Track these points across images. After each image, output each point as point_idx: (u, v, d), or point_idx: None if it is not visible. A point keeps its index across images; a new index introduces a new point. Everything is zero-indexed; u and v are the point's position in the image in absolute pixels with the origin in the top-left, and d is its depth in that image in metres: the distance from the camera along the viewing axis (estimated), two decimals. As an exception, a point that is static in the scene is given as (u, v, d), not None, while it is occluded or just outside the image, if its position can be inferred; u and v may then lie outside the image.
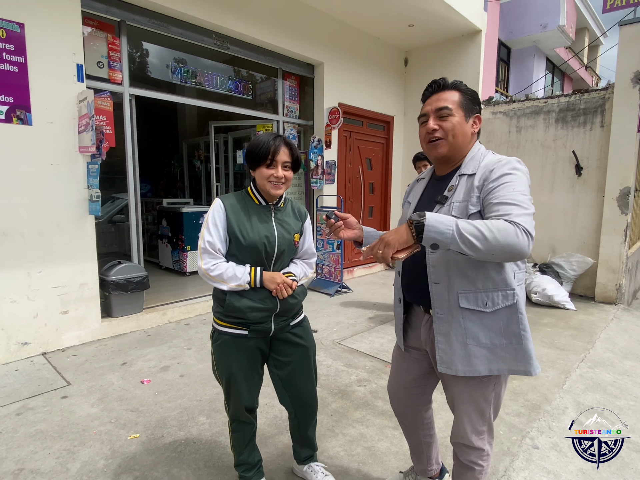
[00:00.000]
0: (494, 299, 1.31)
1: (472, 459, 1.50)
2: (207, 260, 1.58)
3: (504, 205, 1.17)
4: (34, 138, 3.25)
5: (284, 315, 1.71)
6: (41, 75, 3.25)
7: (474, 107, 1.40)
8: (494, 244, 1.09)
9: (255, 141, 1.61)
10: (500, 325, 1.32)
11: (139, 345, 3.59)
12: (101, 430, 2.35)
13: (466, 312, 1.33)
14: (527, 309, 1.42)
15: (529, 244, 1.12)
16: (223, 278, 1.57)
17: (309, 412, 1.87)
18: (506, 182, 1.22)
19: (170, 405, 2.62)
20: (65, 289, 3.50)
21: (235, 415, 1.76)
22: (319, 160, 5.64)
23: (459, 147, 1.39)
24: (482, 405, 1.43)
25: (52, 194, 3.37)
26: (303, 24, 5.27)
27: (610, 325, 4.26)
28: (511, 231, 1.10)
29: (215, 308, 1.69)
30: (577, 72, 13.03)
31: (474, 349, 1.34)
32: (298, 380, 1.78)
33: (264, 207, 1.69)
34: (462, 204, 1.30)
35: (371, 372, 3.12)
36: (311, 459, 1.96)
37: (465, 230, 1.10)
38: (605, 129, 5.12)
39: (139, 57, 4.73)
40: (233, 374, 1.66)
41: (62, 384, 2.91)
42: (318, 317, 4.40)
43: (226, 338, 1.65)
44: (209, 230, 1.59)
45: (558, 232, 5.59)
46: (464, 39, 6.37)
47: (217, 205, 1.62)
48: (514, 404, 2.68)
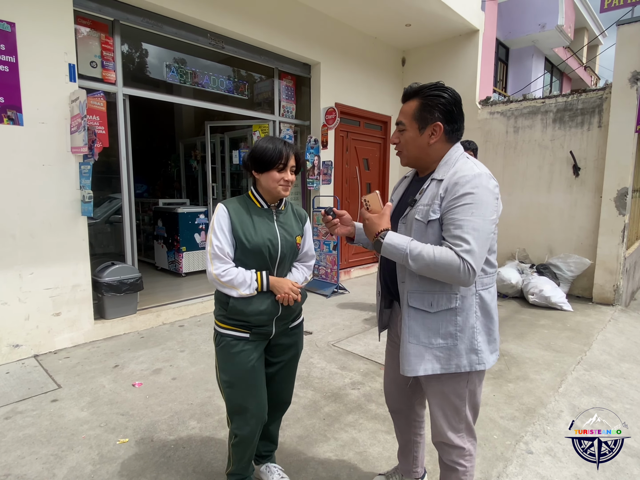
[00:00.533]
0: (438, 301, 1.37)
1: (454, 458, 1.51)
2: (217, 266, 1.57)
3: (458, 232, 1.24)
4: (25, 138, 3.21)
5: (285, 318, 1.73)
6: (32, 75, 3.22)
7: (429, 116, 1.36)
8: (436, 274, 1.26)
9: (264, 146, 1.60)
10: (439, 326, 1.38)
11: (131, 348, 3.56)
12: (90, 435, 2.32)
13: (412, 310, 1.40)
14: (524, 310, 1.43)
15: (470, 279, 1.23)
16: (233, 284, 1.57)
17: (281, 409, 1.91)
18: (466, 204, 1.25)
19: (160, 409, 2.59)
20: (57, 291, 3.47)
21: (238, 428, 1.66)
22: (316, 161, 5.61)
23: (418, 158, 1.44)
24: (456, 402, 1.45)
25: (43, 195, 3.33)
26: (299, 23, 5.24)
27: (607, 327, 4.24)
28: (455, 266, 1.21)
29: (218, 311, 1.68)
30: (576, 72, 13.02)
31: (413, 348, 1.40)
32: (282, 379, 1.82)
33: (266, 210, 1.69)
34: (426, 208, 1.35)
35: (365, 374, 3.09)
36: (269, 458, 1.96)
37: (413, 259, 1.26)
38: (603, 129, 5.09)
39: (133, 57, 4.69)
40: (237, 377, 1.64)
41: (53, 387, 2.88)
42: (314, 319, 4.37)
43: (228, 340, 1.64)
44: (217, 235, 1.58)
45: (555, 233, 5.57)
46: (462, 38, 6.35)
47: (220, 210, 1.61)
48: (508, 407, 2.65)
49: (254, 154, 1.62)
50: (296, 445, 2.25)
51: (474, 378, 1.44)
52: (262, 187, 1.66)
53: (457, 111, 1.38)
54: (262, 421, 1.71)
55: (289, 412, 2.53)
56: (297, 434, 2.34)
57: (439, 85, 1.38)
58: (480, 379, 1.48)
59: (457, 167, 1.34)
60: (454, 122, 1.38)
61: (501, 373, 3.15)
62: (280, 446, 2.22)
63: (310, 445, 2.24)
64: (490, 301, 1.42)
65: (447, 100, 1.35)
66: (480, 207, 1.25)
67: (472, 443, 1.52)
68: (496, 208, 1.32)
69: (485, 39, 6.55)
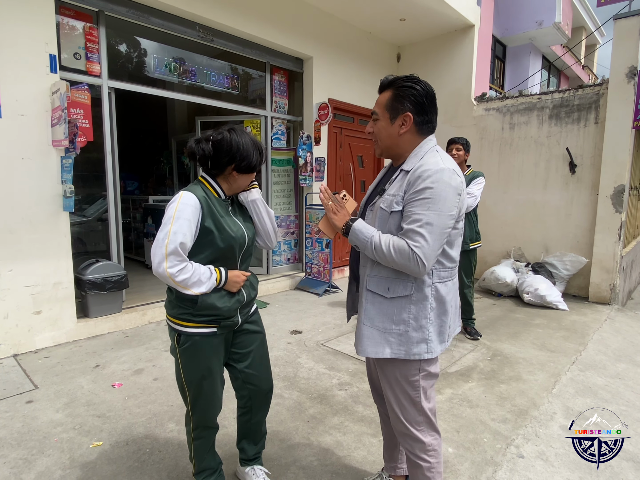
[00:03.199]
0: (394, 287, 1.41)
1: (417, 452, 1.51)
2: (174, 263, 1.45)
3: (413, 225, 1.31)
4: (3, 130, 3.11)
5: (249, 305, 1.72)
6: (11, 65, 3.11)
7: (400, 106, 1.40)
8: (393, 262, 1.34)
9: (247, 149, 1.55)
10: (393, 312, 1.42)
11: (114, 347, 3.46)
12: (63, 438, 2.22)
13: (369, 294, 1.46)
14: (519, 310, 1.38)
15: (421, 270, 1.31)
16: (187, 284, 1.48)
17: (265, 401, 1.83)
18: (424, 198, 1.30)
19: (139, 410, 2.49)
20: (37, 289, 3.36)
21: (202, 421, 1.67)
22: (308, 157, 5.51)
23: (389, 148, 1.48)
24: (410, 392, 1.48)
25: (23, 190, 3.23)
26: (291, 17, 5.14)
27: (603, 327, 4.15)
28: (407, 258, 1.30)
29: (179, 310, 1.57)
30: (574, 71, 12.96)
31: (367, 330, 1.46)
32: (258, 368, 1.76)
33: (224, 200, 1.63)
34: (391, 198, 1.40)
35: (353, 375, 3.00)
36: (257, 461, 1.89)
37: (376, 246, 1.35)
38: (600, 125, 5.01)
39: (119, 49, 4.59)
40: (204, 376, 1.60)
41: (30, 387, 2.78)
42: (304, 318, 4.28)
43: (196, 339, 1.56)
44: (181, 227, 1.44)
45: (551, 231, 5.48)
46: (457, 34, 6.26)
47: (190, 199, 1.48)
48: (500, 409, 2.56)
49: (240, 155, 1.55)
50: (277, 449, 2.15)
51: (424, 366, 1.47)
52: (230, 184, 1.61)
53: (428, 103, 1.41)
54: (219, 413, 1.72)
55: (272, 414, 2.44)
56: (279, 437, 2.25)
57: (412, 77, 1.41)
58: (431, 370, 1.50)
59: (423, 160, 1.38)
60: (424, 114, 1.41)
61: (493, 373, 3.06)
62: (261, 450, 2.13)
63: (292, 449, 2.15)
64: (446, 294, 1.45)
65: (419, 92, 1.39)
66: (438, 202, 1.30)
67: (434, 437, 1.53)
68: (457, 204, 1.35)
69: (482, 35, 6.45)
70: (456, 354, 3.41)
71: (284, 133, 5.73)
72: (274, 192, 5.68)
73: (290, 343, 3.59)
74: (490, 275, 5.27)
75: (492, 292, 5.35)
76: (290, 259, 5.99)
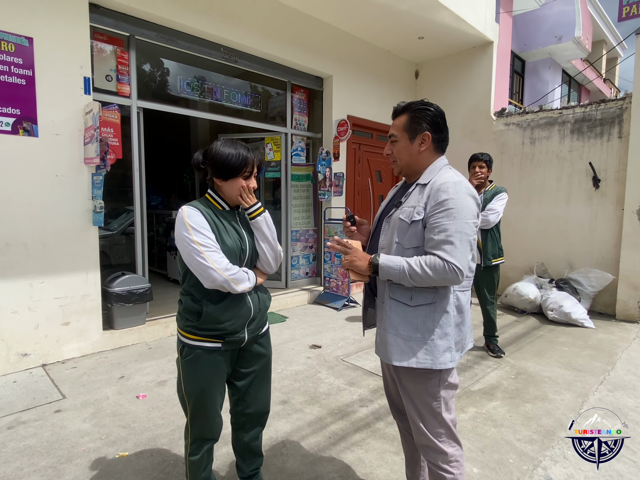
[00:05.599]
0: (417, 296, 1.44)
1: (440, 464, 1.51)
2: (217, 259, 1.47)
3: (442, 236, 1.36)
4: (39, 149, 3.27)
5: (256, 321, 1.67)
6: (49, 88, 3.30)
7: (418, 127, 1.51)
8: (431, 281, 1.36)
9: (226, 152, 1.54)
10: (418, 321, 1.44)
11: (138, 359, 3.53)
12: (90, 447, 2.27)
13: (393, 302, 1.48)
14: (543, 327, 1.38)
15: (459, 277, 1.34)
16: (237, 278, 1.51)
17: (258, 422, 1.79)
18: (449, 209, 1.36)
19: (163, 422, 2.53)
20: (67, 300, 3.48)
21: (201, 434, 1.64)
22: (327, 172, 5.59)
23: (409, 165, 1.56)
24: (429, 401, 1.48)
25: (56, 205, 3.38)
26: (311, 37, 5.29)
27: (632, 345, 4.02)
28: (441, 270, 1.33)
29: (185, 322, 1.58)
30: (595, 85, 12.81)
31: (391, 338, 1.48)
32: (257, 389, 1.74)
33: (228, 212, 1.65)
34: (410, 209, 1.46)
35: (374, 391, 2.98)
36: (254, 478, 1.83)
37: (410, 274, 1.37)
38: (624, 139, 4.93)
39: (148, 71, 4.79)
40: (204, 390, 1.59)
41: (58, 397, 2.85)
42: (323, 332, 4.28)
43: (199, 352, 1.56)
44: (198, 232, 1.47)
45: (575, 247, 5.37)
46: (476, 50, 6.31)
47: (191, 210, 1.51)
48: (525, 429, 2.50)
49: (216, 160, 1.55)
50: (300, 464, 2.15)
51: (445, 377, 1.49)
52: (222, 192, 1.62)
53: (442, 122, 1.53)
54: (219, 434, 1.69)
55: (293, 429, 2.46)
56: (300, 452, 2.25)
57: (424, 101, 1.54)
58: (451, 380, 1.52)
59: (439, 174, 1.48)
60: (440, 132, 1.53)
61: (518, 392, 2.99)
62: (282, 465, 2.14)
63: (314, 465, 2.14)
64: (466, 303, 1.51)
65: (433, 113, 1.51)
66: (462, 211, 1.37)
67: (456, 449, 1.53)
68: (475, 213, 1.42)
69: (500, 51, 6.49)
70: (479, 371, 3.35)
71: (304, 149, 5.83)
72: (293, 206, 5.76)
73: (309, 358, 3.59)
74: (512, 291, 5.18)
75: (515, 309, 5.24)
76: (308, 272, 6.02)
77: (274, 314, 4.89)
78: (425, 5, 5.02)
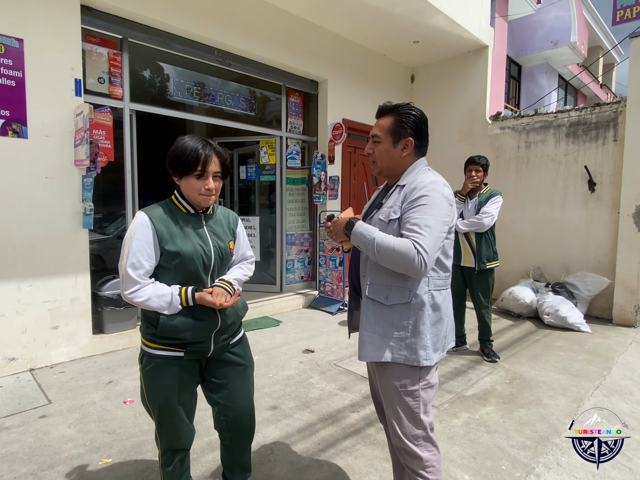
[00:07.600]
0: (393, 295, 1.46)
1: (415, 469, 1.50)
2: (127, 287, 1.40)
3: (414, 227, 1.37)
4: (29, 151, 3.24)
5: (225, 332, 1.57)
6: (39, 89, 3.27)
7: (403, 132, 1.52)
8: (394, 261, 1.36)
9: (181, 147, 1.44)
10: (393, 318, 1.47)
11: (128, 363, 3.47)
12: (73, 454, 2.22)
13: (370, 301, 1.51)
14: (539, 331, 1.32)
15: (423, 269, 1.34)
16: (150, 306, 1.42)
17: (245, 437, 1.71)
18: (421, 205, 1.40)
19: (149, 427, 2.48)
20: (56, 304, 3.43)
21: (170, 444, 1.57)
22: (322, 176, 5.56)
23: (389, 168, 1.58)
24: (408, 401, 1.48)
25: (45, 207, 3.34)
26: (306, 40, 5.29)
27: (628, 350, 3.98)
28: (411, 255, 1.33)
29: (145, 329, 1.51)
30: (592, 90, 12.85)
31: (368, 336, 1.50)
32: (236, 401, 1.63)
33: (193, 215, 1.54)
34: (388, 210, 1.50)
35: (367, 396, 2.93)
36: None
37: (378, 244, 1.38)
38: (619, 143, 4.92)
39: (141, 73, 4.77)
40: (167, 400, 1.49)
41: (44, 402, 2.80)
42: (316, 336, 4.23)
43: (158, 362, 1.47)
44: (132, 250, 1.39)
45: (571, 251, 5.34)
46: (471, 54, 6.31)
47: (141, 219, 1.42)
48: (519, 435, 2.46)
49: (172, 155, 1.45)
50: (287, 471, 2.10)
51: (424, 375, 1.49)
52: (185, 194, 1.51)
53: (424, 129, 1.56)
54: (191, 443, 1.62)
55: (282, 435, 2.41)
56: (288, 459, 2.20)
57: (410, 105, 1.55)
58: (430, 380, 1.52)
59: (417, 175, 1.52)
60: (422, 138, 1.56)
61: (512, 397, 2.94)
62: (269, 472, 2.09)
63: (301, 472, 2.09)
64: (442, 302, 1.50)
65: (418, 119, 1.53)
66: (434, 208, 1.39)
67: (433, 453, 1.52)
68: (449, 212, 1.45)
69: (496, 56, 6.50)
70: (473, 376, 3.31)
71: (299, 153, 5.81)
72: (288, 210, 5.73)
73: (302, 362, 3.54)
74: (508, 295, 5.14)
75: (511, 313, 5.20)
76: (303, 276, 5.98)
77: (268, 318, 4.84)
78: (419, 9, 5.02)
